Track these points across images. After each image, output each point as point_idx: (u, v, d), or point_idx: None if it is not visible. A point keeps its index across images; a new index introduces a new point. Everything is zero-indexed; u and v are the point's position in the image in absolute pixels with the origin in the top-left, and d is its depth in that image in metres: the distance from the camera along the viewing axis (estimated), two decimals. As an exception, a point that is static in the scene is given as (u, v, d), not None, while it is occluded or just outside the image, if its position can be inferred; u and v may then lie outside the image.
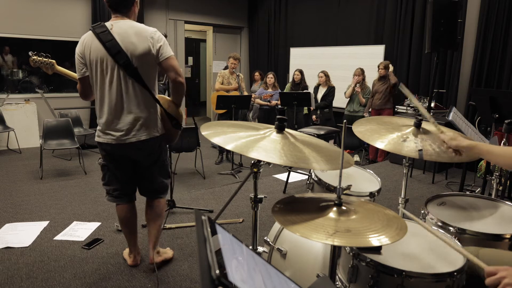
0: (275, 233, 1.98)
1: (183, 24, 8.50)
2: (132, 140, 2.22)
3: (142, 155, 2.33)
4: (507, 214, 1.82)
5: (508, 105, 3.05)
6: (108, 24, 2.18)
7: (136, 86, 2.18)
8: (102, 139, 2.27)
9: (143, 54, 2.14)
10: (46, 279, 2.48)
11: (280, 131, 1.49)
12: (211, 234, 0.70)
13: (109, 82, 2.17)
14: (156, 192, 2.50)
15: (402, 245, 1.47)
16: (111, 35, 2.12)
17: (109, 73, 2.16)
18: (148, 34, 2.16)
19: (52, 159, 5.64)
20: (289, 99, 5.36)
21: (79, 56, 2.23)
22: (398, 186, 4.54)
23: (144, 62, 2.16)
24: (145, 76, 2.18)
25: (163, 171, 2.47)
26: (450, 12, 4.47)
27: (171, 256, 2.74)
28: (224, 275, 0.58)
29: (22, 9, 6.59)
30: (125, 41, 2.12)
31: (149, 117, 2.24)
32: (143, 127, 2.23)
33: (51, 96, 6.97)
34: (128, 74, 2.14)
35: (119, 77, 2.16)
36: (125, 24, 2.17)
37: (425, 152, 1.70)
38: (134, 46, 2.12)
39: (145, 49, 2.14)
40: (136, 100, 2.20)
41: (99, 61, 2.15)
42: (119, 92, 2.17)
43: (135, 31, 2.15)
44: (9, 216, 3.48)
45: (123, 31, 2.14)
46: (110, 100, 2.19)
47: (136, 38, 2.13)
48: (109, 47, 2.11)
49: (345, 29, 7.15)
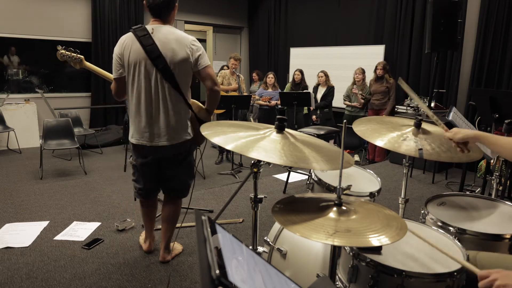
0: (275, 233, 1.98)
1: (183, 24, 8.51)
2: (164, 144, 2.30)
3: (172, 156, 2.41)
4: (507, 214, 1.82)
5: (508, 105, 3.04)
6: (149, 27, 2.23)
7: (171, 91, 2.25)
8: (136, 141, 2.34)
9: (182, 61, 2.21)
10: (46, 279, 2.48)
11: (280, 131, 1.49)
12: (211, 234, 0.70)
13: (147, 85, 2.23)
14: (178, 191, 2.59)
15: (402, 245, 1.47)
16: (152, 39, 2.18)
17: (147, 76, 2.22)
18: (189, 42, 2.23)
19: (52, 159, 5.64)
20: (289, 99, 5.36)
21: (117, 57, 2.28)
22: (398, 186, 4.54)
23: (181, 69, 2.23)
24: (181, 82, 2.26)
25: (188, 171, 2.55)
26: (450, 12, 4.47)
27: (181, 250, 2.86)
28: (224, 275, 0.58)
29: (23, 9, 6.59)
30: (165, 46, 2.18)
31: (181, 121, 2.32)
32: (176, 131, 2.31)
33: (51, 96, 6.97)
34: (165, 78, 2.21)
35: (156, 81, 2.22)
36: (166, 30, 2.23)
37: (425, 151, 1.70)
38: (173, 52, 2.19)
39: (184, 57, 2.21)
40: (170, 104, 2.26)
41: (138, 64, 2.21)
42: (156, 95, 2.24)
43: (175, 37, 2.21)
44: (9, 216, 3.48)
45: (163, 37, 2.20)
46: (146, 102, 2.26)
47: (176, 44, 2.20)
48: (150, 50, 2.17)
49: (345, 29, 7.15)
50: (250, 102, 5.49)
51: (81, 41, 7.10)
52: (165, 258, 2.69)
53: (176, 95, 2.27)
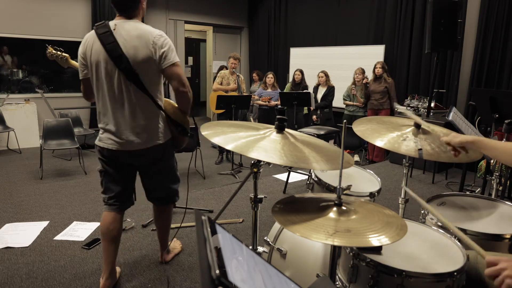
0: (275, 233, 1.98)
1: (183, 24, 8.51)
2: (133, 148, 2.11)
3: (145, 162, 2.23)
4: (507, 214, 1.82)
5: (508, 105, 3.04)
6: (111, 23, 2.03)
7: (137, 92, 2.05)
8: (103, 144, 2.15)
9: (145, 60, 2.00)
10: (46, 279, 2.48)
11: (280, 131, 1.49)
12: (211, 234, 0.70)
13: (110, 86, 2.05)
14: (163, 199, 2.42)
15: (402, 245, 1.47)
16: (113, 36, 1.99)
17: (109, 77, 2.04)
18: (151, 38, 2.00)
19: (52, 159, 5.64)
20: (289, 99, 5.36)
21: (80, 57, 2.13)
22: (398, 186, 4.54)
23: (145, 68, 2.02)
24: (147, 82, 2.05)
25: (171, 177, 2.37)
26: (450, 12, 4.47)
27: (180, 249, 2.85)
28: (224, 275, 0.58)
29: (22, 9, 6.59)
30: (127, 44, 1.98)
31: (151, 124, 2.12)
32: (145, 135, 2.11)
33: (51, 96, 6.97)
34: (128, 79, 2.01)
35: (119, 82, 2.03)
36: (130, 26, 2.02)
37: (425, 151, 1.70)
38: (135, 50, 1.99)
39: (147, 54, 1.99)
40: (137, 106, 2.07)
41: (100, 64, 2.04)
42: (120, 97, 2.06)
43: (138, 33, 2.00)
44: (9, 216, 3.48)
45: (126, 33, 2.00)
46: (110, 105, 2.08)
47: (138, 41, 1.99)
48: (110, 49, 1.98)
49: (345, 29, 7.15)
50: (250, 102, 5.48)
51: (81, 41, 7.10)
52: (165, 259, 2.68)
53: (143, 96, 2.06)
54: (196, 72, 11.95)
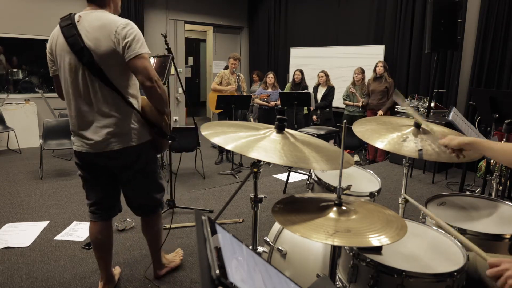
0: (275, 233, 1.98)
1: (183, 24, 8.50)
2: (103, 150, 1.92)
3: (118, 166, 2.02)
4: (507, 214, 1.82)
5: (508, 105, 3.04)
6: (77, 15, 1.87)
7: (103, 88, 1.86)
8: (75, 147, 2.00)
9: (108, 52, 1.81)
10: (46, 279, 2.48)
11: (280, 131, 1.49)
12: (211, 234, 0.70)
13: (75, 83, 1.88)
14: (145, 208, 2.20)
15: (402, 245, 1.47)
16: (75, 29, 1.81)
17: (73, 72, 1.87)
18: (114, 28, 1.80)
19: (52, 159, 5.64)
20: (289, 99, 5.36)
21: (48, 52, 1.96)
22: (398, 186, 4.54)
23: (110, 62, 1.83)
24: (114, 78, 1.86)
25: (151, 184, 2.13)
26: (450, 12, 4.48)
27: (178, 263, 2.62)
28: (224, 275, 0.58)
29: (22, 9, 6.59)
30: (89, 36, 1.81)
31: (121, 124, 1.92)
32: (116, 136, 1.91)
33: (51, 96, 6.95)
34: (93, 74, 1.84)
35: (84, 78, 1.86)
36: (94, 16, 1.84)
37: (425, 152, 1.70)
38: (97, 42, 1.80)
39: (110, 47, 1.80)
40: (104, 104, 1.88)
41: (63, 58, 1.88)
42: (86, 94, 1.88)
43: (100, 24, 1.81)
44: (9, 216, 3.48)
45: (88, 25, 1.82)
46: (76, 103, 1.91)
47: (100, 32, 1.80)
48: (71, 43, 1.81)
49: (345, 29, 7.15)
50: (250, 102, 5.49)
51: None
52: (157, 274, 2.46)
53: (111, 93, 1.87)
54: (196, 72, 11.95)
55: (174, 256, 2.66)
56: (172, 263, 2.58)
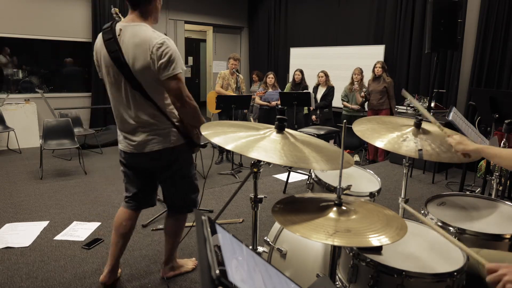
0: (275, 233, 1.98)
1: (183, 24, 8.51)
2: (145, 150, 2.08)
3: (158, 166, 2.18)
4: (507, 214, 1.82)
5: (508, 105, 3.04)
6: (118, 27, 1.95)
7: (142, 99, 2.00)
8: (121, 146, 2.17)
9: (144, 69, 1.91)
10: (46, 279, 2.48)
11: (280, 131, 1.49)
12: (211, 234, 0.70)
13: (118, 91, 2.03)
14: (176, 207, 2.34)
15: (402, 245, 1.47)
16: (116, 44, 1.92)
17: (117, 83, 2.02)
18: (150, 47, 1.88)
19: (52, 159, 5.64)
20: (289, 99, 5.36)
21: (94, 59, 2.11)
22: (398, 186, 4.54)
23: (146, 78, 1.94)
24: (151, 91, 1.98)
25: (187, 185, 2.28)
26: (450, 12, 4.47)
27: (190, 269, 2.59)
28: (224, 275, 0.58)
29: (22, 9, 6.59)
30: (127, 52, 1.92)
31: (159, 129, 2.06)
32: (155, 138, 2.06)
33: (51, 96, 6.97)
34: (133, 87, 1.97)
35: (126, 89, 2.00)
36: (132, 31, 1.93)
37: (425, 152, 1.70)
38: (134, 59, 1.91)
39: (145, 65, 1.90)
40: (143, 113, 2.03)
41: (109, 69, 2.01)
42: (127, 102, 2.03)
43: (137, 41, 1.90)
44: (9, 216, 3.48)
45: (127, 40, 1.92)
46: (119, 108, 2.08)
47: (137, 50, 1.90)
48: (114, 58, 1.93)
49: (345, 29, 7.15)
50: (250, 102, 5.49)
51: (81, 41, 7.10)
52: (165, 275, 2.49)
53: (149, 103, 2.00)
54: (196, 72, 11.95)
55: (186, 261, 2.64)
56: (182, 268, 2.57)
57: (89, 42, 7.12)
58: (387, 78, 5.62)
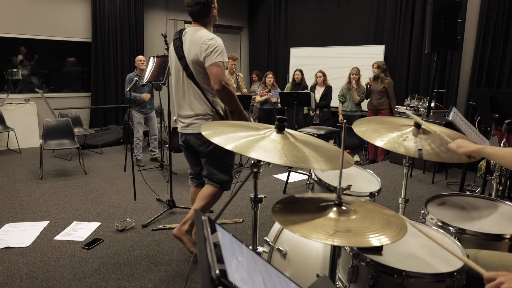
0: (275, 233, 1.98)
1: (183, 24, 8.50)
2: (189, 131, 2.50)
3: (200, 146, 2.52)
4: (507, 214, 1.82)
5: (508, 105, 3.04)
6: (184, 31, 2.49)
7: (193, 87, 2.45)
8: (178, 128, 2.61)
9: (195, 61, 2.37)
10: (46, 279, 2.48)
11: (280, 131, 1.48)
12: (211, 234, 0.70)
13: (178, 81, 2.51)
14: (208, 179, 2.63)
15: (402, 245, 1.47)
16: (179, 41, 2.44)
17: (178, 72, 2.49)
18: (201, 41, 2.33)
19: (52, 159, 5.64)
20: (289, 99, 5.36)
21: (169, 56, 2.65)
22: (398, 186, 4.54)
23: (196, 68, 2.39)
24: (200, 80, 2.42)
25: (219, 166, 2.59)
26: (450, 12, 4.47)
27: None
28: (224, 275, 0.58)
29: (22, 9, 6.58)
30: (186, 47, 2.41)
31: (204, 114, 2.47)
32: (199, 121, 2.46)
33: (51, 96, 6.97)
34: (188, 77, 2.43)
35: (183, 78, 2.47)
36: (193, 32, 2.41)
37: (425, 151, 1.70)
38: (189, 52, 2.39)
39: (196, 56, 2.36)
40: (193, 98, 2.46)
41: (173, 62, 2.53)
42: (183, 89, 2.49)
43: (194, 38, 2.38)
44: (9, 216, 3.48)
45: (188, 38, 2.42)
46: (177, 95, 2.54)
47: (192, 45, 2.37)
48: (177, 52, 2.45)
49: (345, 29, 7.15)
50: (250, 102, 5.48)
51: (81, 41, 7.10)
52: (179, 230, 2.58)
53: (197, 91, 2.44)
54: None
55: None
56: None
57: (89, 42, 7.12)
58: (386, 79, 5.62)
